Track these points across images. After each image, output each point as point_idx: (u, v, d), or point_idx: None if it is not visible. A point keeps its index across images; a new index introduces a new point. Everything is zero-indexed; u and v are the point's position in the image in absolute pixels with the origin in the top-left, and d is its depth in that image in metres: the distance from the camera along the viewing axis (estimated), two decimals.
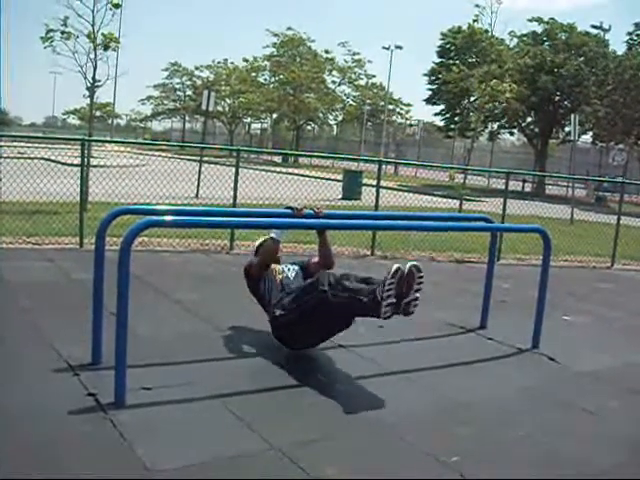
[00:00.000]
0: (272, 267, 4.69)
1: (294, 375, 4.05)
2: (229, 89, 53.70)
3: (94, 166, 12.49)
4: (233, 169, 8.88)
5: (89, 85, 11.70)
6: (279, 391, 3.82)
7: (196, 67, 59.22)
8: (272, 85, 52.65)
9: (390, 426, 3.43)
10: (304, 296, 4.21)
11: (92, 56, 11.32)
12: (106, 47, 11.39)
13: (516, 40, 38.09)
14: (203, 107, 18.53)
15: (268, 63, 52.37)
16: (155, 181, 9.66)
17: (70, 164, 14.50)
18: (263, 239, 4.85)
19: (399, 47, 48.03)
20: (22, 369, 3.82)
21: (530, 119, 38.61)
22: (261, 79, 53.96)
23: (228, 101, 55.90)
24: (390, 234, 9.63)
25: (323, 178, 19.57)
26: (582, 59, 35.39)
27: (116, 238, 5.21)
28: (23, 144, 21.98)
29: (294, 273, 4.76)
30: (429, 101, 42.00)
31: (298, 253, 7.84)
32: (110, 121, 42.96)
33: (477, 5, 19.25)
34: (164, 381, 3.73)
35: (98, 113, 40.40)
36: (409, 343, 5.01)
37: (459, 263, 9.31)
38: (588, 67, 34.81)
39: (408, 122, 57.29)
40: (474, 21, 19.54)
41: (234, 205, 8.44)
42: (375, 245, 9.25)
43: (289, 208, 4.57)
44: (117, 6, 11.28)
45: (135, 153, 32.18)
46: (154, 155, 28.31)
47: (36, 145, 23.69)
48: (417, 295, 3.90)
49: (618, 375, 4.68)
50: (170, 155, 26.51)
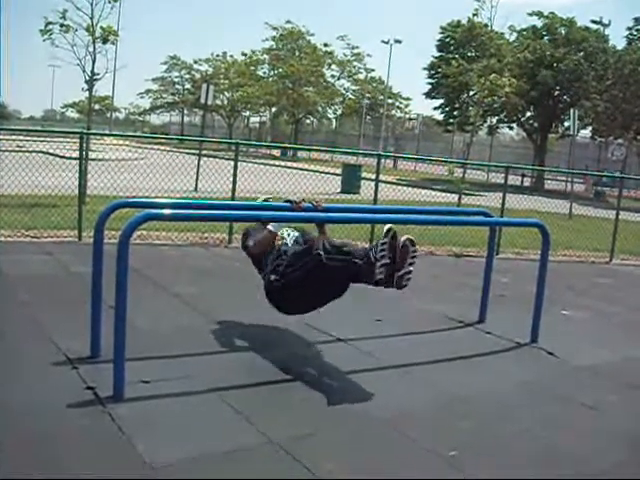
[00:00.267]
0: None
1: (292, 368, 4.04)
2: (228, 83, 53.62)
3: (93, 159, 12.45)
4: (232, 162, 8.88)
5: (88, 78, 11.66)
6: (277, 384, 3.82)
7: (195, 61, 59.20)
8: (271, 79, 52.53)
9: (388, 419, 3.43)
10: (298, 261, 4.20)
11: (91, 49, 11.30)
12: (105, 40, 11.36)
13: (516, 34, 38.07)
14: (202, 101, 18.47)
15: (267, 57, 52.25)
16: (154, 174, 9.65)
17: (69, 157, 14.48)
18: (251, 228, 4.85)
19: (398, 41, 48.13)
20: (21, 362, 3.82)
21: (529, 113, 38.61)
22: (260, 72, 53.85)
23: (227, 94, 55.83)
24: None
25: (322, 172, 19.56)
26: (582, 54, 35.37)
27: (115, 231, 5.21)
28: (22, 137, 21.95)
29: (293, 240, 4.73)
30: (428, 95, 41.99)
31: None
32: (109, 114, 42.99)
33: None
34: (162, 374, 3.73)
35: (97, 106, 40.36)
36: (407, 337, 5.02)
37: (458, 257, 9.31)
38: (588, 62, 34.79)
39: (407, 116, 57.37)
40: (474, 15, 19.43)
41: (233, 198, 8.43)
42: (374, 239, 9.24)
43: (288, 201, 4.56)
44: None
45: (134, 146, 32.20)
46: (153, 149, 28.25)
47: (35, 138, 23.66)
48: (411, 269, 3.90)
49: (617, 370, 4.68)
50: (169, 148, 26.48)
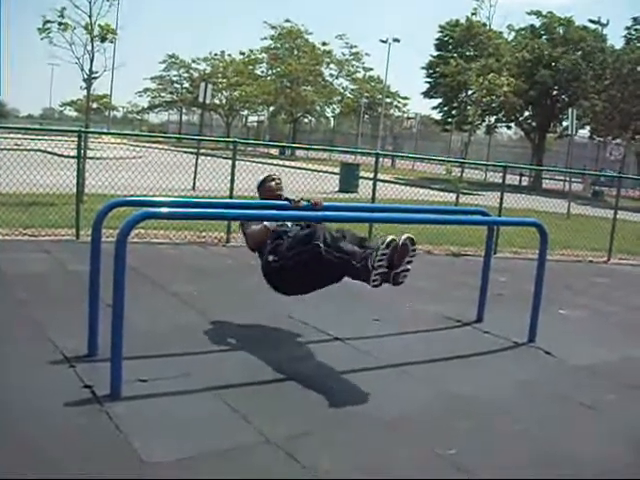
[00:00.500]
0: None
1: (289, 367, 4.04)
2: (226, 81, 53.50)
3: (91, 158, 12.45)
4: (230, 161, 8.87)
5: (86, 77, 11.66)
6: (274, 383, 3.82)
7: (193, 59, 58.98)
8: (269, 77, 52.46)
9: (386, 418, 3.43)
10: (297, 246, 4.22)
11: (89, 48, 11.28)
12: (103, 39, 11.35)
13: (514, 34, 38.02)
14: (200, 99, 18.47)
15: (265, 55, 52.20)
16: (152, 173, 9.64)
17: (67, 156, 14.44)
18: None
19: (397, 40, 48.06)
20: (18, 361, 3.81)
21: (527, 113, 38.53)
22: (258, 71, 53.78)
23: (225, 93, 55.71)
24: (387, 226, 9.58)
25: (320, 171, 19.53)
26: (580, 53, 35.33)
27: (112, 230, 5.19)
28: (20, 136, 21.90)
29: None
30: (427, 94, 41.88)
31: None
32: (107, 113, 42.84)
33: None
34: (160, 373, 3.73)
35: (95, 105, 40.11)
36: (405, 336, 5.01)
37: (456, 256, 9.31)
38: (586, 61, 34.76)
39: (405, 115, 57.22)
40: (472, 14, 19.53)
41: (231, 197, 8.43)
42: (372, 238, 9.22)
43: (287, 200, 4.57)
44: None
45: (132, 145, 32.17)
46: (151, 147, 28.27)
47: (33, 137, 23.61)
48: (408, 267, 3.96)
49: (615, 369, 4.68)
50: (167, 147, 26.47)
